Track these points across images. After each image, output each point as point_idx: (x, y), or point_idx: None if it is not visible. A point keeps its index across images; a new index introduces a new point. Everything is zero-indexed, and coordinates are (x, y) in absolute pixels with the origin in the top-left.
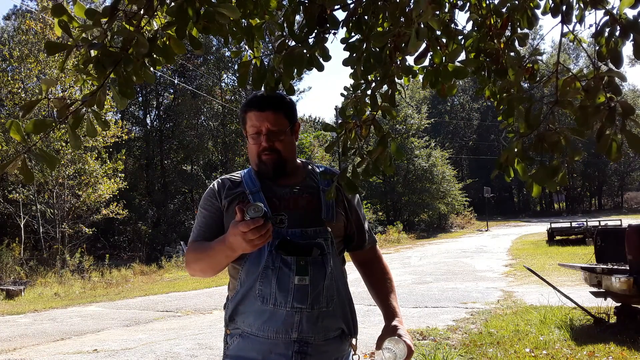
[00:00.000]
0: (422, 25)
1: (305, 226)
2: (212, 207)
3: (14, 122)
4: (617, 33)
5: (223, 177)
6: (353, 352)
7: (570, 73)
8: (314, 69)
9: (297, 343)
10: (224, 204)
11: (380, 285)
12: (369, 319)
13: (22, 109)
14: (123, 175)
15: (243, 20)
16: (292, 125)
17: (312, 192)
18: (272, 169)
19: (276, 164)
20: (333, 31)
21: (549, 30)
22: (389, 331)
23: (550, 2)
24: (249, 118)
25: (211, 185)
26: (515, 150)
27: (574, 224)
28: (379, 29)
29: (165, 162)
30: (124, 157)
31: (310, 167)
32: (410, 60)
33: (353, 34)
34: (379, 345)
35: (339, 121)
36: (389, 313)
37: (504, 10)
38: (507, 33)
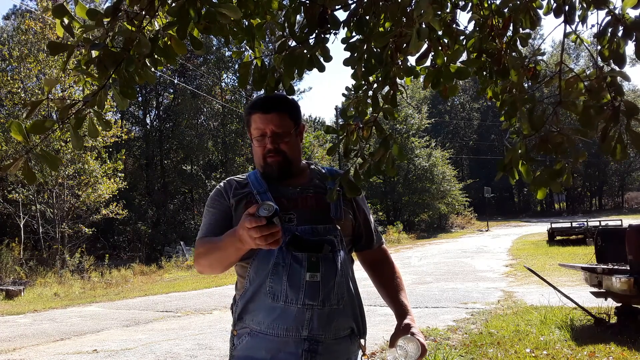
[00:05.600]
0: (423, 26)
1: (315, 224)
2: (221, 205)
3: (15, 122)
4: (620, 33)
5: (229, 178)
6: (362, 354)
7: (573, 73)
8: (315, 69)
9: (307, 341)
10: (232, 202)
11: (391, 284)
12: (368, 319)
13: (25, 109)
14: (123, 175)
15: (244, 21)
16: (296, 127)
17: (320, 192)
18: (278, 170)
19: (282, 166)
20: (334, 31)
21: (551, 30)
22: (402, 330)
23: (553, 2)
24: (254, 120)
25: (218, 186)
26: (520, 151)
27: (574, 224)
28: (380, 29)
29: (165, 162)
30: (123, 157)
31: (315, 167)
32: (411, 60)
33: (354, 34)
34: (392, 343)
35: (340, 122)
36: (401, 311)
37: (505, 10)
38: (509, 33)
